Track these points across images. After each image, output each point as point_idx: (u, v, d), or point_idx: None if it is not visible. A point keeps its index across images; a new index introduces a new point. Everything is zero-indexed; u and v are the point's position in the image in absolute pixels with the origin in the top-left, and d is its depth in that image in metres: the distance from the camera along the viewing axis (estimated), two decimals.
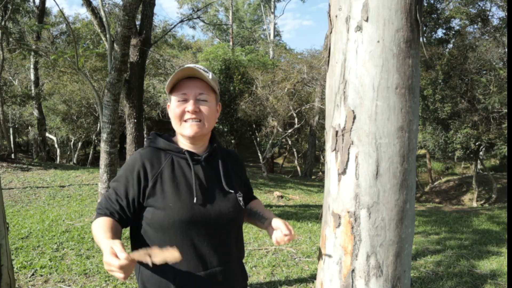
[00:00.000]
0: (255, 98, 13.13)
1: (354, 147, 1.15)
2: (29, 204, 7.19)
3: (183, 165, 1.29)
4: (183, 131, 1.29)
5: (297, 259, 4.32)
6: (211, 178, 1.32)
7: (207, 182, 1.30)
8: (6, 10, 12.22)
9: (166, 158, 1.29)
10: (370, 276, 1.15)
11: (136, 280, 3.51)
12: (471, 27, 12.45)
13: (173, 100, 1.30)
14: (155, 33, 15.02)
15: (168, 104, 1.35)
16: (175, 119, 1.30)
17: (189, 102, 1.28)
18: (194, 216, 1.23)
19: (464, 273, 4.05)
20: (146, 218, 1.24)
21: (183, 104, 1.28)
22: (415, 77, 1.17)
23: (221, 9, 30.42)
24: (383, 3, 1.12)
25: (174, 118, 1.30)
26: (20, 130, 22.64)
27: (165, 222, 1.21)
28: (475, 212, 9.10)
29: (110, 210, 1.22)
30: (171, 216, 1.21)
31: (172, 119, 1.31)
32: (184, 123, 1.29)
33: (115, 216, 1.22)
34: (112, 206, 1.23)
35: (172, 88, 1.31)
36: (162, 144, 1.31)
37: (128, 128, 7.06)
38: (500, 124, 11.33)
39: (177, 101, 1.29)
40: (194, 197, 1.24)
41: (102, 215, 1.23)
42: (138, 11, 7.46)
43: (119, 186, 1.25)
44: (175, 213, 1.21)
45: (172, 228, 1.21)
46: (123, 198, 1.23)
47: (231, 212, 1.30)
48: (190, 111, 1.27)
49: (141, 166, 1.25)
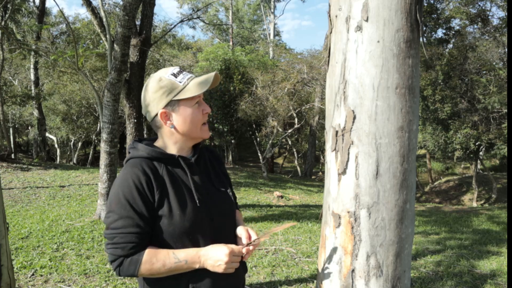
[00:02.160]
0: (255, 98, 13.14)
1: (354, 147, 1.15)
2: (29, 204, 7.19)
3: (177, 171, 1.28)
4: (203, 134, 1.31)
5: (297, 259, 4.32)
6: (204, 179, 1.33)
7: (202, 184, 1.31)
8: (6, 10, 12.22)
9: (161, 166, 1.26)
10: (370, 276, 1.15)
11: (136, 280, 3.51)
12: (471, 27, 12.46)
13: (187, 106, 1.25)
14: (155, 33, 15.03)
15: (163, 111, 1.25)
16: (196, 124, 1.27)
17: (202, 103, 1.29)
18: (200, 219, 1.24)
19: (464, 273, 4.05)
20: (156, 229, 1.22)
21: (199, 107, 1.28)
22: (415, 77, 1.17)
23: (221, 9, 30.45)
24: (383, 3, 1.12)
25: (194, 123, 1.27)
26: (20, 130, 22.66)
27: (176, 230, 1.20)
28: (475, 212, 9.11)
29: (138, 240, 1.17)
30: (179, 223, 1.20)
31: (190, 125, 1.26)
32: (203, 126, 1.30)
33: (145, 241, 1.19)
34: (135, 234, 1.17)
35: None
36: (152, 153, 1.26)
37: (128, 128, 7.06)
38: (500, 124, 11.33)
39: (194, 105, 1.26)
40: (196, 201, 1.25)
41: (137, 251, 1.17)
42: (138, 11, 7.46)
43: (129, 212, 1.18)
44: (183, 220, 1.21)
45: (183, 234, 1.22)
46: (139, 220, 1.18)
47: (228, 209, 1.34)
48: (208, 112, 1.30)
49: (144, 180, 1.20)
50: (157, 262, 1.16)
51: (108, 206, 1.21)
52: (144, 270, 1.16)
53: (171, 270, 1.17)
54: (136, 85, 7.06)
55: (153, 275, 1.18)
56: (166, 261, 1.16)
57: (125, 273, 1.17)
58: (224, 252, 1.16)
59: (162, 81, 1.24)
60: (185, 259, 1.16)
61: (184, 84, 1.24)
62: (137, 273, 1.16)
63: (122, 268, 1.17)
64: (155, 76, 1.27)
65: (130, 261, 1.16)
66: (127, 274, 1.17)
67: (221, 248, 1.17)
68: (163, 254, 1.17)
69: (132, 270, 1.16)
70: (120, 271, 1.17)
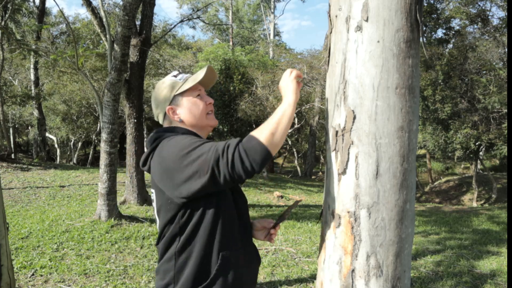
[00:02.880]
0: (255, 98, 13.14)
1: (354, 147, 1.15)
2: (29, 204, 7.19)
3: None
4: (209, 122, 1.40)
5: (297, 259, 4.32)
6: None
7: None
8: (6, 10, 12.22)
9: None
10: (370, 276, 1.15)
11: (135, 280, 3.51)
12: (471, 27, 12.45)
13: (190, 98, 1.37)
14: (155, 33, 15.02)
15: (170, 107, 1.37)
16: (201, 113, 1.37)
17: (204, 96, 1.41)
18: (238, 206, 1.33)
19: (464, 273, 4.05)
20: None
21: (202, 99, 1.39)
22: (415, 77, 1.17)
23: (221, 9, 30.44)
24: (383, 3, 1.12)
25: (200, 113, 1.37)
26: (20, 130, 22.65)
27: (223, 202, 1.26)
28: (475, 212, 9.10)
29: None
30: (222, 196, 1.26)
31: (196, 115, 1.37)
32: (208, 115, 1.40)
33: None
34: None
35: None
36: (188, 133, 1.35)
37: (128, 128, 7.06)
38: (500, 124, 11.32)
39: (196, 96, 1.38)
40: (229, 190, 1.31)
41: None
42: (138, 11, 7.46)
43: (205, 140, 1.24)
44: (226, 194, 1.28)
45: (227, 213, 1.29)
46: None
47: (244, 196, 1.43)
48: (212, 103, 1.42)
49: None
50: (268, 124, 1.15)
51: (177, 163, 1.18)
52: (260, 134, 1.13)
53: (278, 121, 1.15)
54: (136, 85, 7.05)
55: (276, 131, 1.14)
56: (275, 118, 1.16)
57: (255, 153, 1.11)
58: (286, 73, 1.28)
59: (165, 82, 1.40)
60: (287, 102, 1.21)
61: (184, 80, 1.40)
62: (261, 140, 1.12)
63: (248, 153, 1.11)
64: (158, 83, 1.44)
65: (247, 141, 1.14)
66: (257, 152, 1.11)
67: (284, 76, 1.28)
68: (266, 122, 1.18)
69: (256, 145, 1.12)
70: (249, 157, 1.11)
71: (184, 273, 1.24)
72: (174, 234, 1.26)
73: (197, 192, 1.17)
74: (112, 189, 5.54)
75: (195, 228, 1.24)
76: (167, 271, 1.27)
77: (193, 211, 1.23)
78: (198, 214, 1.23)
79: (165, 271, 1.28)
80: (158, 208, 1.30)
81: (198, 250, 1.24)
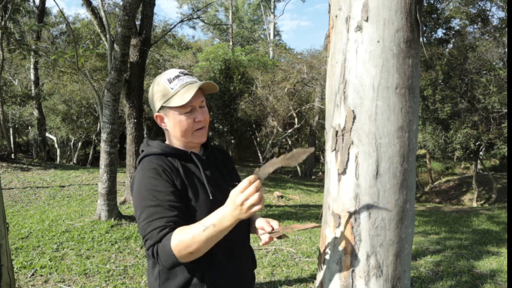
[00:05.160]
0: (255, 98, 13.14)
1: (354, 147, 1.15)
2: (29, 204, 7.19)
3: (190, 166, 1.32)
4: (194, 139, 1.31)
5: (297, 259, 4.32)
6: (216, 175, 1.38)
7: (215, 179, 1.35)
8: (6, 10, 12.22)
9: (175, 161, 1.30)
10: (370, 276, 1.15)
11: (135, 280, 3.51)
12: (471, 27, 12.45)
13: (176, 114, 1.28)
14: (155, 33, 15.03)
15: (157, 115, 1.32)
16: (185, 131, 1.29)
17: (196, 111, 1.30)
18: (213, 211, 1.26)
19: (464, 273, 4.05)
20: None
21: (191, 115, 1.29)
22: (415, 77, 1.17)
23: (221, 9, 30.44)
24: (383, 3, 1.12)
25: (183, 130, 1.29)
26: (20, 130, 22.64)
27: (190, 222, 1.19)
28: (475, 212, 9.11)
29: (165, 222, 1.15)
30: (193, 215, 1.23)
31: (179, 131, 1.29)
32: (195, 132, 1.31)
33: (176, 221, 1.16)
34: (161, 219, 1.15)
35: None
36: (166, 149, 1.30)
37: (128, 128, 7.06)
38: (500, 124, 11.32)
39: (184, 114, 1.28)
40: (209, 194, 1.28)
41: (167, 232, 1.13)
42: (138, 11, 7.46)
43: (151, 201, 1.18)
44: (197, 212, 1.24)
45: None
46: (165, 203, 1.18)
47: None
48: (201, 121, 1.30)
49: (161, 169, 1.23)
50: (185, 236, 1.09)
51: (134, 206, 1.23)
52: (179, 250, 1.09)
53: (205, 241, 1.08)
54: (136, 85, 7.06)
55: (192, 253, 1.10)
56: (194, 232, 1.08)
57: (166, 261, 1.12)
58: (238, 189, 1.02)
59: (159, 85, 1.29)
60: (212, 223, 1.08)
61: (174, 92, 1.26)
62: (175, 255, 1.10)
63: (160, 257, 1.12)
64: (156, 79, 1.33)
65: (163, 246, 1.12)
66: (167, 261, 1.12)
67: (234, 191, 1.04)
68: (190, 227, 1.11)
69: (168, 254, 1.11)
70: (161, 261, 1.12)
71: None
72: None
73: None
74: (112, 189, 5.54)
75: None
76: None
77: None
78: None
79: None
80: None
81: (181, 271, 1.25)
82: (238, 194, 1.01)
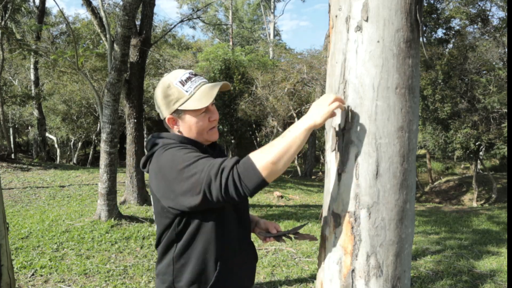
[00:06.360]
0: (255, 98, 13.15)
1: (354, 147, 1.15)
2: (29, 204, 7.19)
3: None
4: (209, 137, 1.32)
5: (297, 259, 4.32)
6: None
7: None
8: (6, 10, 12.22)
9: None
10: (370, 276, 1.15)
11: (135, 280, 3.51)
12: (471, 27, 12.46)
13: (192, 115, 1.28)
14: (155, 33, 15.02)
15: (170, 117, 1.30)
16: (201, 131, 1.30)
17: (210, 110, 1.31)
18: (238, 210, 1.32)
19: (464, 273, 4.05)
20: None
21: (206, 115, 1.30)
22: (415, 77, 1.17)
23: (221, 9, 30.43)
24: (383, 3, 1.12)
25: (200, 131, 1.29)
26: (20, 130, 22.63)
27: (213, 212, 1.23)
28: (475, 212, 9.11)
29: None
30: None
31: (195, 132, 1.29)
32: (209, 131, 1.32)
33: None
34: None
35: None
36: (185, 140, 1.28)
37: (128, 128, 7.06)
38: (500, 124, 11.32)
39: (199, 114, 1.28)
40: None
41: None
42: (138, 11, 7.46)
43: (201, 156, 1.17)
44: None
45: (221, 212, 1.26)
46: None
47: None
48: (216, 119, 1.32)
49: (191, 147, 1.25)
50: (264, 147, 1.09)
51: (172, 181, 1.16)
52: (260, 161, 1.06)
53: (284, 147, 1.06)
54: (136, 85, 7.06)
55: (274, 164, 1.06)
56: (272, 141, 1.08)
57: (250, 180, 1.07)
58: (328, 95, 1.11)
59: (170, 88, 1.27)
60: (287, 129, 1.09)
61: (190, 94, 1.26)
62: (258, 169, 1.06)
63: (242, 178, 1.08)
64: (165, 81, 1.29)
65: (243, 163, 1.09)
66: (251, 179, 1.07)
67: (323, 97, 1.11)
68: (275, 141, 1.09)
69: (250, 169, 1.07)
70: (243, 182, 1.07)
71: (182, 278, 1.26)
72: (172, 241, 1.26)
73: (189, 208, 1.16)
74: (112, 189, 5.54)
75: (193, 236, 1.24)
76: (166, 276, 1.28)
77: (189, 219, 1.23)
78: (195, 222, 1.23)
79: (165, 275, 1.29)
80: (155, 214, 1.31)
81: (196, 257, 1.24)
82: (327, 98, 1.10)
